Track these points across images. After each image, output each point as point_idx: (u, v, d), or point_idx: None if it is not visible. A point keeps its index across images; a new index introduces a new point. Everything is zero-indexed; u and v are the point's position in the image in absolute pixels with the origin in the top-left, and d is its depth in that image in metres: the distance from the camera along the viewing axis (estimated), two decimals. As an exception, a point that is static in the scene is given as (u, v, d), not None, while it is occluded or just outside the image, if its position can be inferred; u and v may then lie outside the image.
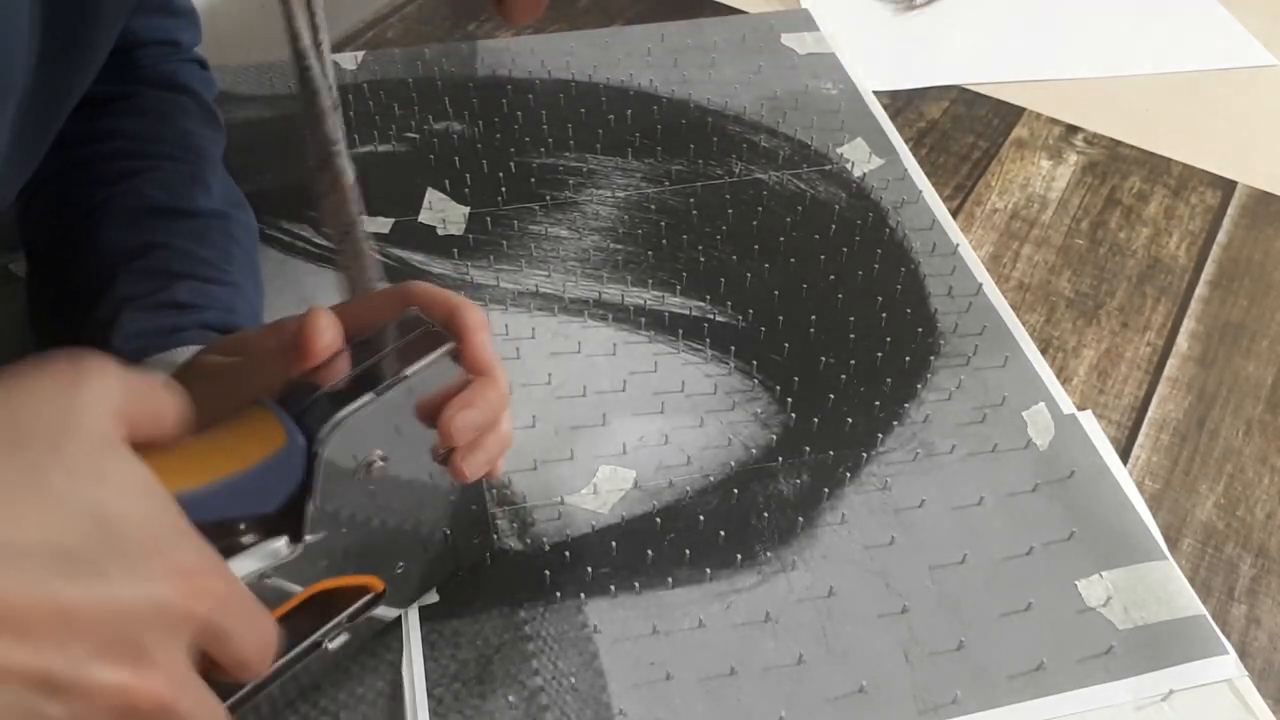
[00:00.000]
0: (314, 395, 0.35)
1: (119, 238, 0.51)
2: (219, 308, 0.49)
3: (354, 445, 0.36)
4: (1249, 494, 0.55)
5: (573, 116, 0.75)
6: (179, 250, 0.51)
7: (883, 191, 0.70)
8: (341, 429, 0.35)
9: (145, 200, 0.53)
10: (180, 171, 0.55)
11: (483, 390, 0.38)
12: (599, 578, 0.49)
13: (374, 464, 0.37)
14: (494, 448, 0.40)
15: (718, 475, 0.54)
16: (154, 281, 0.49)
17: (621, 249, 0.65)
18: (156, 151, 0.55)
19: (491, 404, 0.39)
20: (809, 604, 0.49)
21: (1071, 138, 0.76)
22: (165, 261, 0.50)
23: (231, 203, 0.57)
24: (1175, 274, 0.66)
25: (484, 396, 0.38)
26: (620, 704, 0.45)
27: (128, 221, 0.52)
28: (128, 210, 0.52)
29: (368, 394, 0.36)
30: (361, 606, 0.42)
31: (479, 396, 0.38)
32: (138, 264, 0.50)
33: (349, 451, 0.36)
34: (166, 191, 0.53)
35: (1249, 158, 0.75)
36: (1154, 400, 0.59)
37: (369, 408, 0.36)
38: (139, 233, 0.52)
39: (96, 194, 0.53)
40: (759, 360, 0.59)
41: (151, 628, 0.27)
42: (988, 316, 0.62)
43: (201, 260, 0.51)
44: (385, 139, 0.72)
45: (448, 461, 0.40)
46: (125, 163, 0.54)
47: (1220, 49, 0.86)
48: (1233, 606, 0.50)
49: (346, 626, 0.42)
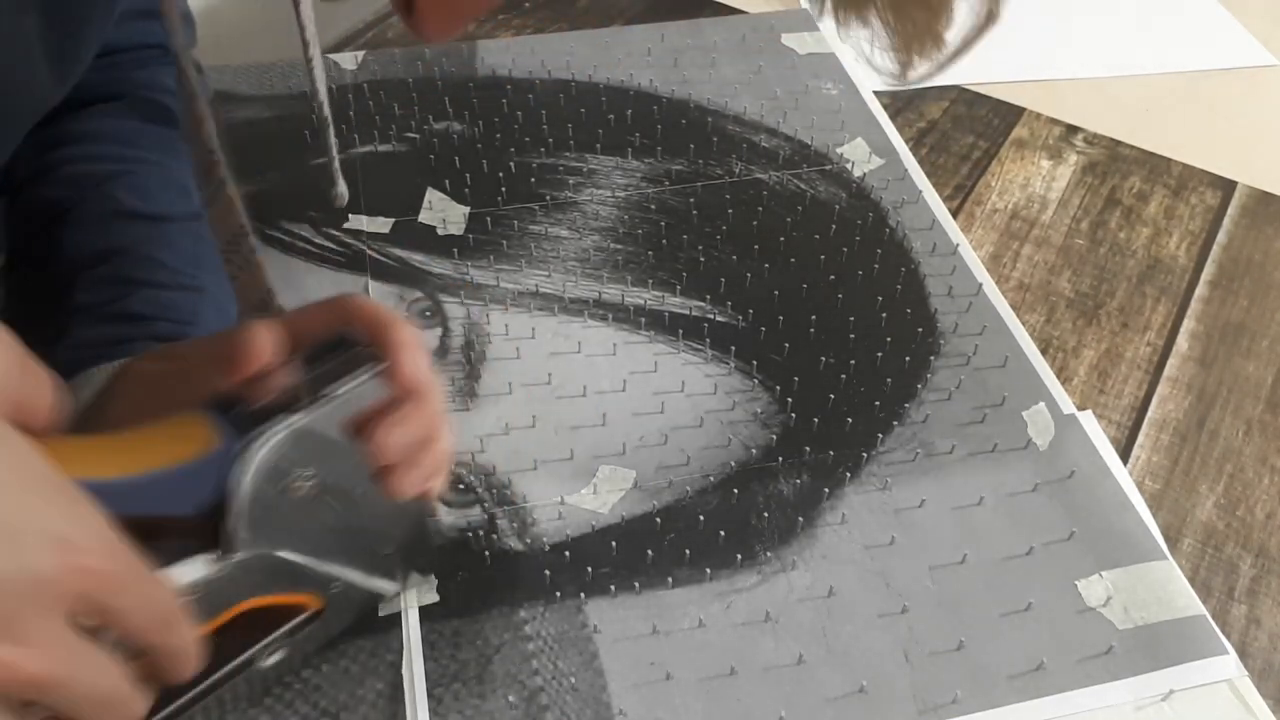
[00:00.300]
0: (236, 410, 0.35)
1: (83, 242, 0.51)
2: (175, 318, 0.49)
3: (276, 463, 0.36)
4: (1249, 494, 0.55)
5: (573, 116, 0.75)
6: (141, 257, 0.50)
7: (883, 191, 0.70)
8: (260, 446, 0.35)
9: (114, 204, 0.52)
10: (156, 175, 0.55)
11: (414, 408, 0.38)
12: (599, 578, 0.49)
13: (299, 482, 0.37)
14: (429, 465, 0.40)
15: (718, 475, 0.54)
16: (111, 290, 0.49)
17: (621, 249, 0.65)
18: (133, 155, 0.55)
19: (423, 422, 0.39)
20: (809, 604, 0.49)
21: (1071, 138, 0.76)
22: (124, 268, 0.50)
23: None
24: (1175, 274, 0.66)
25: (415, 414, 0.38)
26: (620, 704, 0.45)
27: (94, 226, 0.52)
28: (96, 215, 0.52)
29: (288, 414, 0.35)
30: (297, 625, 0.42)
31: (410, 414, 0.38)
32: (98, 270, 0.50)
33: (272, 469, 0.36)
34: (138, 195, 0.53)
35: (1249, 158, 0.75)
36: (1154, 400, 0.59)
37: (290, 428, 0.35)
38: (104, 238, 0.51)
39: (68, 197, 0.52)
40: (759, 360, 0.59)
41: (26, 601, 0.26)
42: (988, 316, 0.62)
43: (164, 267, 0.50)
44: (385, 139, 0.72)
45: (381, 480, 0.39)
46: (100, 166, 0.54)
47: (1220, 49, 0.86)
48: (1233, 606, 0.50)
49: (283, 643, 0.42)
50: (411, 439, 0.39)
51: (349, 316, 0.39)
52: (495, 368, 0.58)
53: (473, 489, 0.52)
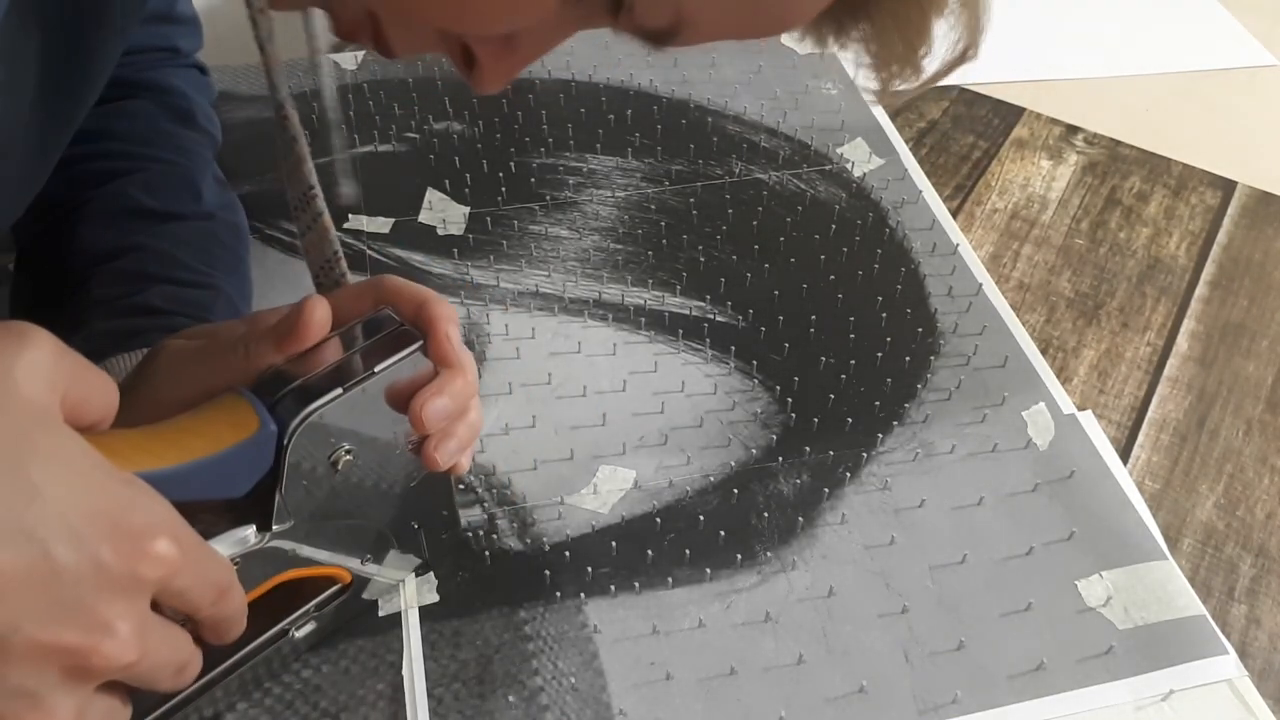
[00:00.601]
0: (286, 388, 0.37)
1: (98, 238, 0.52)
2: (192, 314, 0.49)
3: (322, 439, 0.37)
4: (1249, 494, 0.55)
5: (573, 116, 0.75)
6: (157, 252, 0.51)
7: (883, 191, 0.70)
8: (311, 422, 0.36)
9: (128, 202, 0.53)
10: (168, 174, 0.55)
11: (451, 380, 0.40)
12: (599, 578, 0.49)
13: (341, 458, 0.38)
14: (464, 435, 0.41)
15: (718, 475, 0.54)
16: (128, 284, 0.49)
17: (621, 249, 0.65)
18: (145, 154, 0.55)
19: (459, 393, 0.40)
20: (809, 604, 0.49)
21: (1071, 138, 0.76)
22: (141, 263, 0.51)
23: (221, 205, 0.57)
24: (1175, 274, 0.66)
25: (452, 386, 0.40)
26: (620, 704, 0.45)
27: (109, 222, 0.52)
28: (110, 211, 0.53)
29: (336, 389, 0.37)
30: (329, 597, 0.44)
31: (447, 386, 0.39)
32: (114, 265, 0.50)
33: (317, 445, 0.37)
34: (151, 194, 0.54)
35: (1249, 158, 0.75)
36: (1154, 400, 0.59)
37: (338, 403, 0.37)
38: (118, 234, 0.52)
39: (81, 194, 0.53)
40: (759, 360, 0.59)
41: (98, 589, 0.27)
42: (988, 316, 0.62)
43: (179, 263, 0.51)
44: (385, 139, 0.72)
45: (419, 451, 0.41)
46: (113, 163, 0.54)
47: (1220, 49, 0.86)
48: (1233, 606, 0.50)
49: (314, 615, 0.44)
50: (451, 409, 0.40)
51: (388, 296, 0.40)
52: (495, 368, 0.58)
53: (473, 489, 0.52)
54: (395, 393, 0.39)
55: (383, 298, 0.40)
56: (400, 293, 0.40)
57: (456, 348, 0.40)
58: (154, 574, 0.29)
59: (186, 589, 0.30)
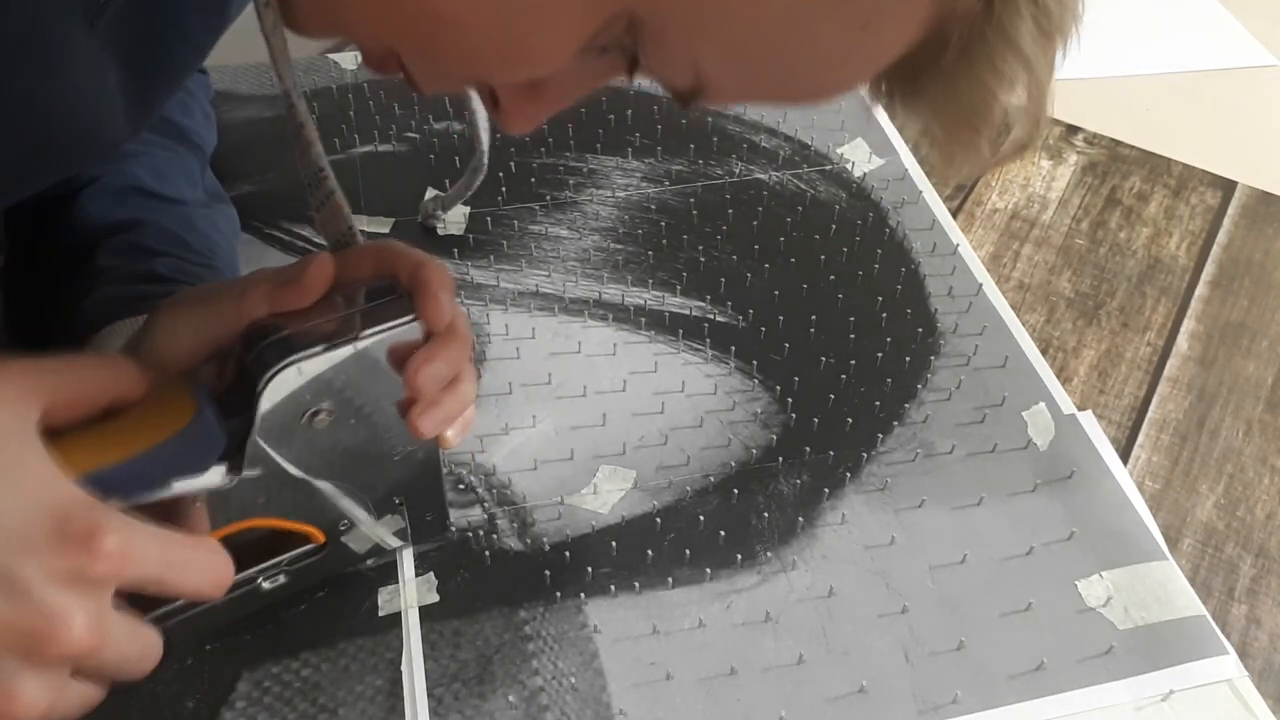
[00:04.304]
0: (273, 336, 0.37)
1: (106, 212, 0.52)
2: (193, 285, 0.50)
3: (300, 392, 0.38)
4: (1249, 494, 0.55)
5: (573, 116, 0.75)
6: (163, 229, 0.52)
7: (883, 191, 0.70)
8: (286, 372, 0.37)
9: (134, 180, 0.54)
10: (171, 161, 0.56)
11: (442, 347, 0.40)
12: (599, 578, 0.49)
13: (319, 414, 0.39)
14: (452, 406, 0.41)
15: (718, 475, 0.54)
16: (134, 255, 0.50)
17: (621, 249, 0.65)
18: (148, 139, 0.56)
19: (449, 361, 0.40)
20: (809, 604, 0.49)
21: (1071, 138, 0.76)
22: (147, 237, 0.51)
23: (216, 199, 0.58)
24: (1175, 274, 0.66)
25: (442, 353, 0.40)
26: (620, 704, 0.45)
27: (114, 198, 0.53)
28: (115, 188, 0.53)
29: (318, 346, 0.37)
30: (301, 554, 0.44)
31: (437, 352, 0.40)
32: (121, 237, 0.51)
33: (294, 396, 0.38)
34: (155, 177, 0.55)
35: (1249, 158, 0.75)
36: (1154, 400, 0.59)
37: (318, 359, 0.37)
38: (125, 210, 0.53)
39: (84, 174, 0.54)
40: (759, 360, 0.59)
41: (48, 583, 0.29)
42: (988, 316, 0.62)
43: (184, 244, 0.52)
44: (385, 139, 0.72)
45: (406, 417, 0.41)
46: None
47: (1220, 49, 0.86)
48: (1233, 606, 0.50)
49: (284, 569, 0.44)
50: (445, 373, 0.40)
51: (386, 258, 0.41)
52: (495, 368, 0.58)
53: (473, 489, 0.52)
54: (390, 355, 0.39)
55: (381, 259, 0.41)
56: (399, 256, 0.40)
57: (445, 312, 0.39)
58: (106, 570, 0.30)
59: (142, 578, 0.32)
